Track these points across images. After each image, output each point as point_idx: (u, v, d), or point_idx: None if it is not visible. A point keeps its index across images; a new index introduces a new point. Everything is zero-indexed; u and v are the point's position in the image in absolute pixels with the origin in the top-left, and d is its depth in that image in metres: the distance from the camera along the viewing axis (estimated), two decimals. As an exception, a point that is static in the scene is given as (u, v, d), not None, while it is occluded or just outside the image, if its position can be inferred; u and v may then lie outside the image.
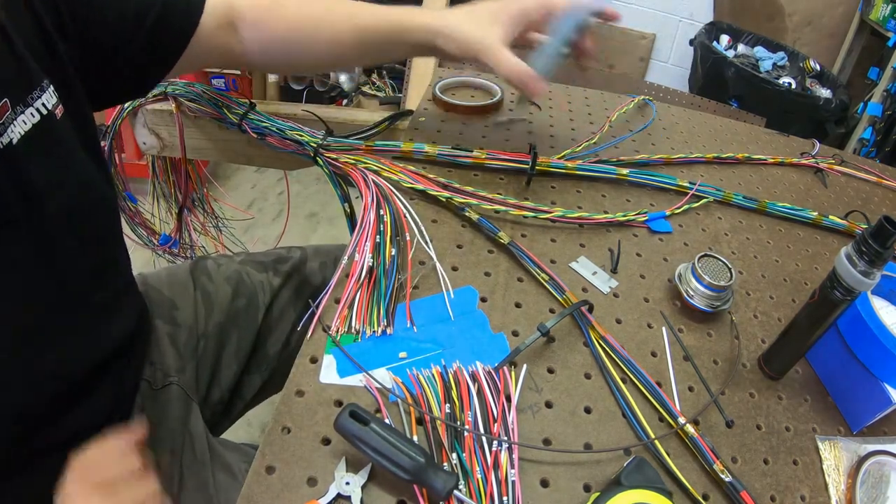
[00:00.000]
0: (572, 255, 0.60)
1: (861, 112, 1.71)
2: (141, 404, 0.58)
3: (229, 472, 0.59)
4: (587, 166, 0.71)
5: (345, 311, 0.49)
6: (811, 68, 1.88)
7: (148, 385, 0.60)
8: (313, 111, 0.77)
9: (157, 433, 0.56)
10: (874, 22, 1.74)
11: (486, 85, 0.89)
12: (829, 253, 0.70)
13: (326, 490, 0.37)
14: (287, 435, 0.41)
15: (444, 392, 0.44)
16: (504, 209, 0.62)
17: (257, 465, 0.39)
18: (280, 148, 0.71)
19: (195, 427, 0.60)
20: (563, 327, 0.52)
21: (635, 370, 0.49)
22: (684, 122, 0.92)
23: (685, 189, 0.72)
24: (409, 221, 0.57)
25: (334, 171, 0.67)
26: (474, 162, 0.68)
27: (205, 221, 1.03)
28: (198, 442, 0.59)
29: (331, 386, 0.44)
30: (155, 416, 0.58)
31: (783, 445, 0.47)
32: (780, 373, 0.52)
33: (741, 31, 2.00)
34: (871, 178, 0.87)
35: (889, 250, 0.40)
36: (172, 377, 0.62)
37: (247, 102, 0.73)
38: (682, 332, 0.55)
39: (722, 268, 0.56)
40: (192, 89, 0.76)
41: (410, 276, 0.53)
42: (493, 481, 0.38)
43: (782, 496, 0.44)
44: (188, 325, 0.67)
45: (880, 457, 0.47)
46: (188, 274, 0.72)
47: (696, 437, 0.44)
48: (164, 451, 0.56)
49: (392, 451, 0.37)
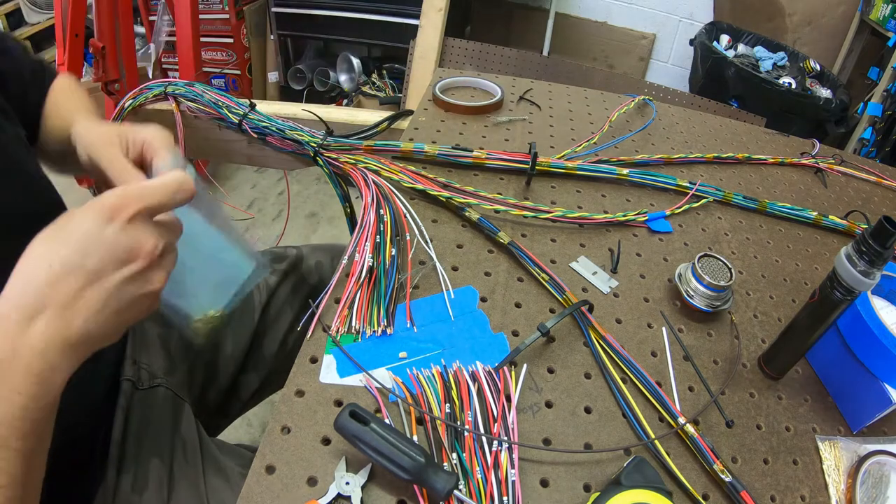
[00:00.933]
0: (572, 255, 0.60)
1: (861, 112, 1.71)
2: (125, 406, 0.57)
3: (223, 476, 0.58)
4: (587, 166, 0.71)
5: (345, 311, 0.49)
6: (811, 68, 1.87)
7: (132, 385, 0.59)
8: (313, 111, 0.77)
9: (145, 435, 0.56)
10: (874, 22, 1.74)
11: (486, 85, 0.89)
12: (829, 253, 0.70)
13: (326, 490, 0.37)
14: (287, 435, 0.41)
15: (444, 392, 0.44)
16: (504, 209, 0.62)
17: (257, 465, 0.39)
18: (280, 148, 0.71)
19: (186, 430, 0.59)
20: (563, 327, 0.52)
21: (635, 370, 0.48)
22: (684, 122, 0.92)
23: (685, 189, 0.72)
24: (409, 221, 0.57)
25: (334, 171, 0.67)
26: (474, 162, 0.68)
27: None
28: (189, 445, 0.58)
29: (331, 386, 0.44)
30: (141, 418, 0.57)
31: (783, 445, 0.47)
32: (780, 373, 0.52)
33: (741, 31, 1.99)
34: (871, 178, 0.87)
35: (889, 250, 0.40)
36: (160, 378, 0.61)
37: (247, 102, 0.73)
38: (682, 332, 0.55)
39: (722, 268, 0.56)
40: (192, 89, 0.76)
41: (410, 276, 0.53)
42: (493, 481, 0.38)
43: (782, 496, 0.44)
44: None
45: (880, 457, 0.47)
46: None
47: (696, 437, 0.44)
48: (153, 455, 0.55)
49: (392, 451, 0.37)
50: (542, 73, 1.69)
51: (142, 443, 0.55)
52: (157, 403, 0.59)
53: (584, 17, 2.27)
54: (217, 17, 2.01)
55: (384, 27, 1.98)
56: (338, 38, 2.14)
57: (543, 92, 0.93)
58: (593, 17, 2.26)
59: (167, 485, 0.54)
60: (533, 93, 0.91)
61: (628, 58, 2.29)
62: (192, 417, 0.62)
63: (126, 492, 0.52)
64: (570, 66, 1.71)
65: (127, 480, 0.52)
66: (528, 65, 1.70)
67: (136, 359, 0.61)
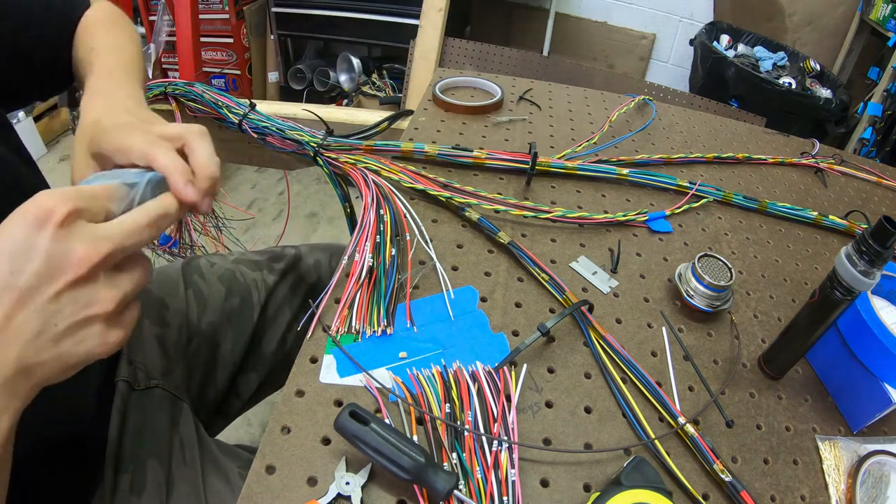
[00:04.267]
0: (572, 255, 0.60)
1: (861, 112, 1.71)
2: (121, 407, 0.56)
3: (223, 477, 0.57)
4: (587, 166, 0.71)
5: (345, 311, 0.49)
6: (811, 68, 1.87)
7: (128, 385, 0.58)
8: (313, 111, 0.77)
9: (143, 436, 0.55)
10: (874, 22, 1.74)
11: (486, 85, 0.89)
12: (829, 253, 0.70)
13: (326, 490, 0.37)
14: (287, 435, 0.41)
15: (444, 392, 0.44)
16: (504, 209, 0.62)
17: (257, 464, 0.39)
18: (280, 148, 0.71)
19: (185, 432, 0.59)
20: (563, 327, 0.52)
21: (635, 370, 0.48)
22: (684, 122, 0.92)
23: (685, 189, 0.72)
24: (409, 221, 0.57)
25: (334, 171, 0.67)
26: (474, 162, 0.68)
27: (205, 221, 1.03)
28: (188, 446, 0.57)
29: (331, 386, 0.44)
30: (138, 419, 0.56)
31: (783, 445, 0.47)
32: (780, 373, 0.52)
33: (741, 31, 2.00)
34: (870, 178, 0.87)
35: (889, 250, 0.40)
36: (157, 379, 0.60)
37: (247, 102, 0.73)
38: (682, 332, 0.55)
39: (722, 268, 0.56)
40: (192, 89, 0.76)
41: (410, 276, 0.53)
42: (493, 481, 0.38)
43: (782, 496, 0.44)
44: (178, 325, 0.66)
45: (880, 457, 0.47)
46: (179, 273, 0.71)
47: (696, 437, 0.44)
48: (151, 456, 0.54)
49: (392, 451, 0.37)
50: (542, 73, 1.69)
51: (140, 443, 0.55)
52: (154, 404, 0.59)
53: (584, 17, 2.27)
54: (217, 17, 2.01)
55: (384, 27, 1.98)
56: (338, 38, 2.14)
57: (543, 92, 0.93)
58: (593, 17, 2.26)
59: (166, 485, 0.54)
60: (533, 93, 0.91)
61: (628, 58, 2.29)
62: (191, 417, 0.61)
63: (124, 492, 0.52)
64: (570, 66, 1.72)
65: (125, 481, 0.52)
66: (528, 65, 1.70)
67: (132, 359, 0.60)
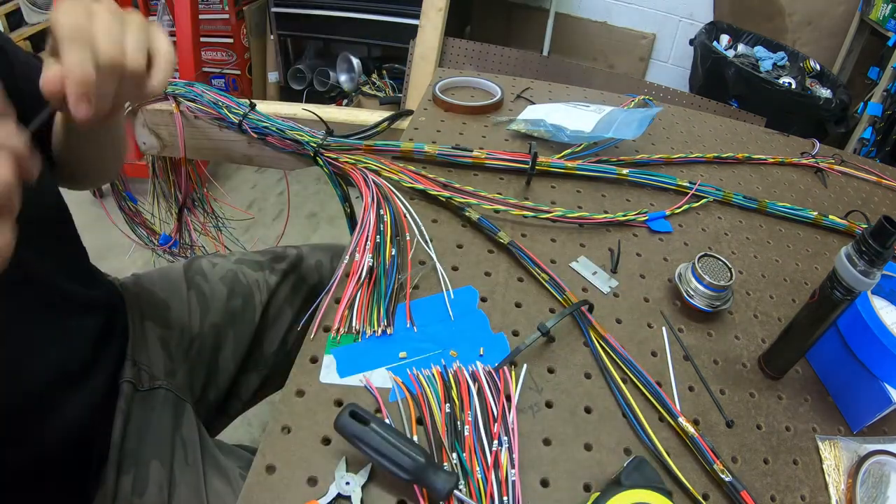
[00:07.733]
0: (572, 255, 0.60)
1: (861, 112, 1.71)
2: (125, 408, 0.56)
3: (223, 477, 0.58)
4: (587, 166, 0.71)
5: (345, 312, 0.49)
6: (811, 68, 1.87)
7: (132, 386, 0.58)
8: (313, 111, 0.77)
9: (145, 437, 0.55)
10: (874, 22, 1.74)
11: (486, 85, 0.89)
12: (829, 253, 0.70)
13: (326, 490, 0.37)
14: (287, 435, 0.41)
15: (444, 392, 0.44)
16: (504, 209, 0.62)
17: (257, 464, 0.39)
18: (280, 148, 0.71)
19: (187, 431, 0.59)
20: (563, 327, 0.52)
21: (635, 370, 0.48)
22: (684, 122, 0.92)
23: (685, 189, 0.72)
24: (409, 221, 0.57)
25: (334, 171, 0.67)
26: (474, 162, 0.68)
27: (205, 221, 1.03)
28: (190, 447, 0.58)
29: (331, 386, 0.44)
30: (141, 420, 0.57)
31: (783, 445, 0.47)
32: (780, 373, 0.52)
33: (741, 31, 1.99)
34: (871, 178, 0.87)
35: (889, 250, 0.40)
36: (160, 381, 0.61)
37: (247, 102, 0.73)
38: (682, 331, 0.55)
39: (722, 268, 0.56)
40: (192, 89, 0.76)
41: (410, 276, 0.53)
42: (493, 481, 0.38)
43: (782, 496, 0.44)
44: (181, 326, 0.67)
45: (880, 456, 0.47)
46: (182, 274, 0.71)
47: (696, 437, 0.44)
48: (153, 457, 0.54)
49: (392, 451, 0.37)
50: (542, 73, 1.69)
51: (142, 444, 0.55)
52: (158, 405, 0.59)
53: (584, 16, 2.27)
54: (217, 17, 2.01)
55: (384, 27, 1.98)
56: (338, 38, 2.14)
57: (543, 92, 0.93)
58: (593, 17, 2.26)
59: (168, 486, 0.54)
60: (533, 92, 0.91)
61: (628, 58, 2.29)
62: (194, 418, 0.61)
63: (126, 493, 0.52)
64: (570, 66, 1.71)
65: (127, 482, 0.52)
66: (528, 65, 1.70)
67: (136, 360, 0.60)
